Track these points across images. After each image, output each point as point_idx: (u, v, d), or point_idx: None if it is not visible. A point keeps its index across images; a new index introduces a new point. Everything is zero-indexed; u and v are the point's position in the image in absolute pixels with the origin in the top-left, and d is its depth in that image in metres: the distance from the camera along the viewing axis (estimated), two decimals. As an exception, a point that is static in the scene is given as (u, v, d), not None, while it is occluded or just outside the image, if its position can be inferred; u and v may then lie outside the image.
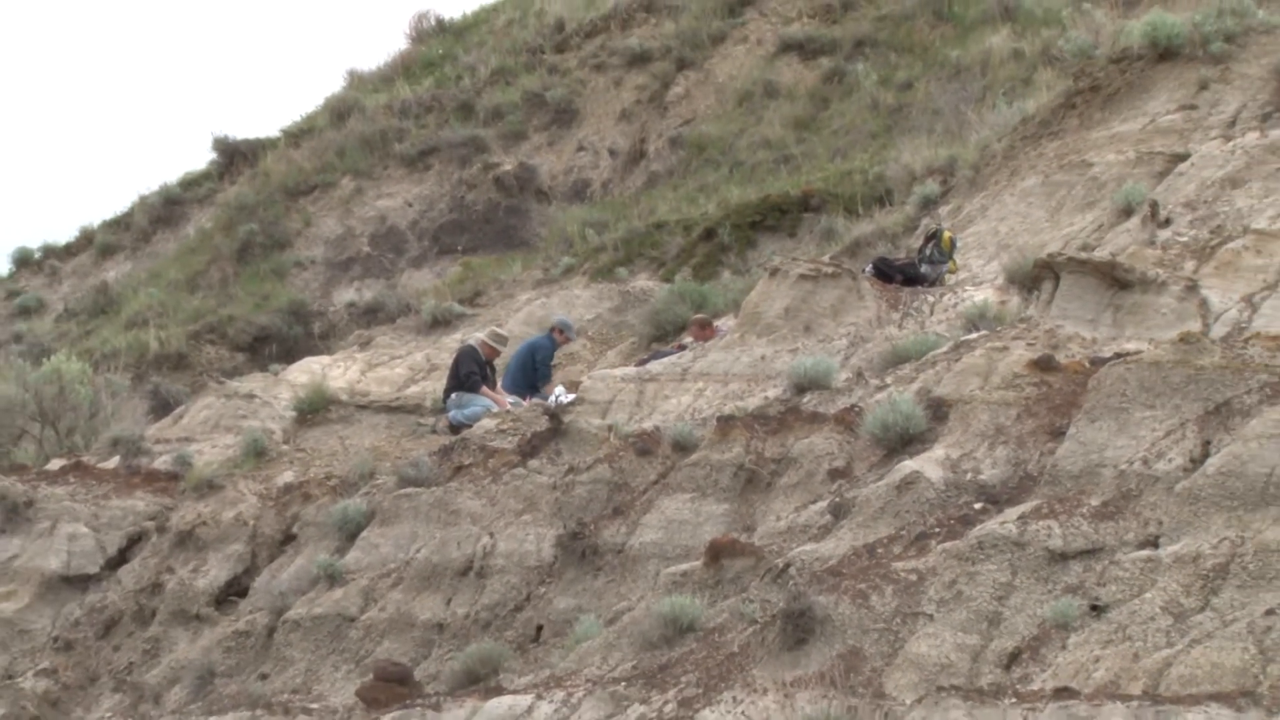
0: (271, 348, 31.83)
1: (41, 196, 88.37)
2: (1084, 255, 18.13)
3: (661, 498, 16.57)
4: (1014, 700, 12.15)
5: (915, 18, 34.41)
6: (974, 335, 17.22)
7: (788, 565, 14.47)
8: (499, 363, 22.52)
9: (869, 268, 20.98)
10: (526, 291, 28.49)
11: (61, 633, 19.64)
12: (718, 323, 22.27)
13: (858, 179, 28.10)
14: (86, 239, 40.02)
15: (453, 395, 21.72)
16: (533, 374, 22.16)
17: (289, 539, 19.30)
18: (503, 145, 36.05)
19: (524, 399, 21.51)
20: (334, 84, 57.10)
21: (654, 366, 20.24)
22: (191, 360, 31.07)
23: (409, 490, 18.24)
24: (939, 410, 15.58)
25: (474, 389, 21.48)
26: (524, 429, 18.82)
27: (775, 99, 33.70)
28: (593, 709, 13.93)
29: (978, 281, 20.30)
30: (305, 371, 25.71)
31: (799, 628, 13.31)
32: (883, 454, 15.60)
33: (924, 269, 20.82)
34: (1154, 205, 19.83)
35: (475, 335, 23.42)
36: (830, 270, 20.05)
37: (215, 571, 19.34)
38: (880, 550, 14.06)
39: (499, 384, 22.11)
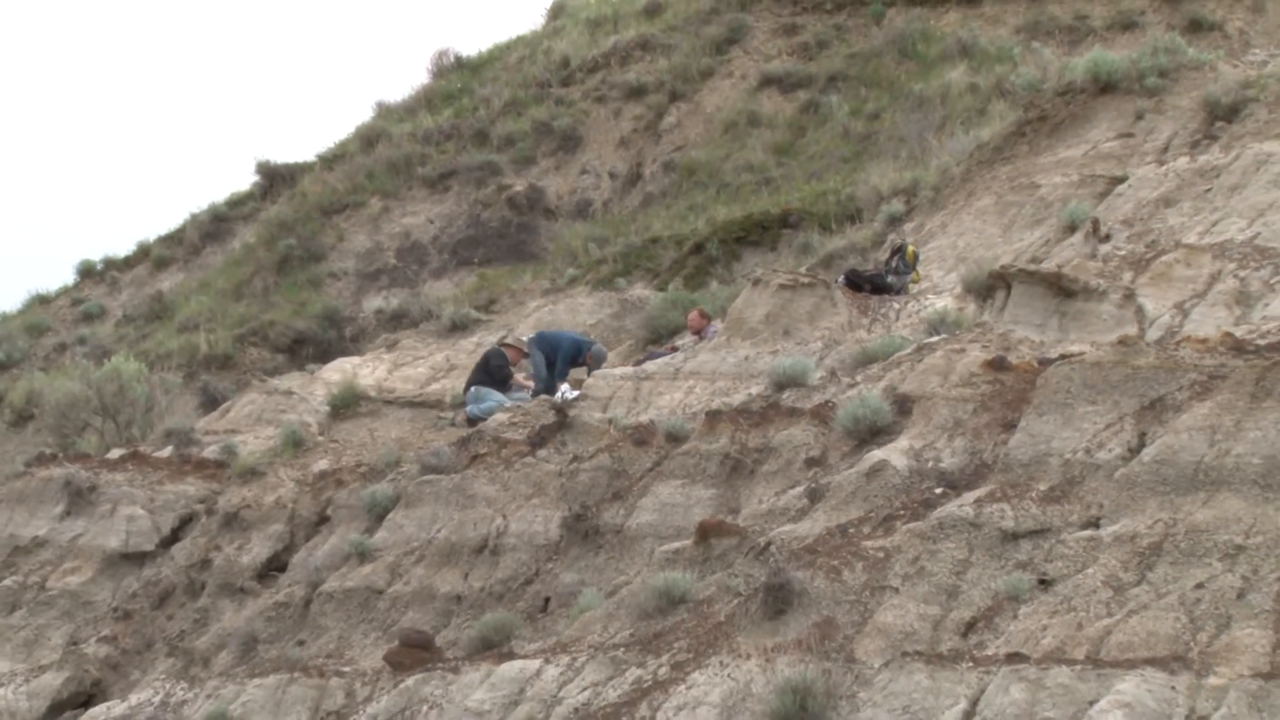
0: (308, 349, 31.73)
1: (103, 214, 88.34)
2: (1033, 267, 18.11)
3: (656, 483, 16.54)
4: (970, 664, 12.13)
5: (883, 55, 34.37)
6: (935, 339, 17.18)
7: (769, 544, 14.45)
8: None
9: (841, 278, 20.98)
10: (535, 299, 28.45)
11: (120, 604, 19.62)
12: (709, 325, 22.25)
13: (831, 199, 28.06)
14: (143, 252, 39.88)
15: (470, 390, 21.76)
16: (553, 354, 22.29)
17: (323, 520, 19.28)
18: (514, 169, 35.96)
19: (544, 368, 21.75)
20: (364, 114, 56.91)
21: (649, 366, 20.22)
22: (237, 361, 30.98)
23: (430, 477, 18.21)
24: (904, 405, 15.55)
25: (506, 379, 21.70)
26: (533, 422, 18.79)
27: (757, 127, 33.65)
28: (594, 672, 13.91)
29: (938, 291, 20.29)
30: (338, 371, 25.68)
31: (779, 599, 13.29)
32: (853, 444, 15.57)
33: (890, 279, 20.81)
34: (1095, 222, 19.81)
35: (498, 338, 23.67)
36: (807, 281, 20.05)
37: (258, 549, 19.31)
38: (851, 530, 14.03)
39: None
